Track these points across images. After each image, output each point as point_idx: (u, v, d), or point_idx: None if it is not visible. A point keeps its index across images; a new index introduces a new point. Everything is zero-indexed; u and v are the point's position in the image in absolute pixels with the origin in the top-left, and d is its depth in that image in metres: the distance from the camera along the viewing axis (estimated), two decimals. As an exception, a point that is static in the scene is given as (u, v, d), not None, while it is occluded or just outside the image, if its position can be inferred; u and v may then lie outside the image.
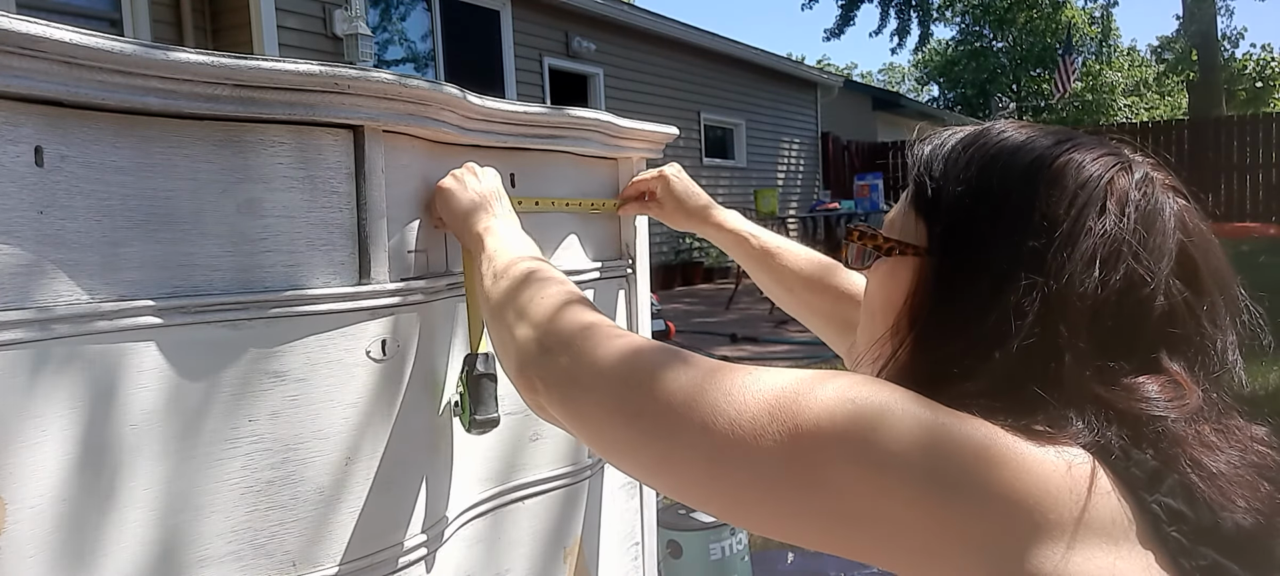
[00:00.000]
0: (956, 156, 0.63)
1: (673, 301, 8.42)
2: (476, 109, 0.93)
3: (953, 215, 0.61)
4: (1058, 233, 0.56)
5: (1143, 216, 0.57)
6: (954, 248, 0.60)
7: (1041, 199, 0.58)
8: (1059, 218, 0.57)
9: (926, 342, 0.61)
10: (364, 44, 6.64)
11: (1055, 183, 0.58)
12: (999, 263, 0.57)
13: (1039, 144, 0.61)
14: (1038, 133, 0.63)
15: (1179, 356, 0.56)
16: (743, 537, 1.86)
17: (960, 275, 0.60)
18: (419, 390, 0.88)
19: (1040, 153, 0.60)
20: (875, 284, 0.68)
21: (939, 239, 0.62)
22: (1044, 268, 0.56)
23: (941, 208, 0.62)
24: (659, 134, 1.22)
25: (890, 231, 0.67)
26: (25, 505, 0.63)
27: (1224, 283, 0.59)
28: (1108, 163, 0.59)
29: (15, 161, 0.62)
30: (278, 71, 0.73)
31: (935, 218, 0.63)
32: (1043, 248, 0.56)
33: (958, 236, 0.60)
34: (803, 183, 13.66)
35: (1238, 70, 27.93)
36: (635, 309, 1.24)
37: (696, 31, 10.80)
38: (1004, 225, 0.58)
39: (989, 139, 0.63)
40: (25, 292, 0.63)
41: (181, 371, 0.71)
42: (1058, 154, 0.60)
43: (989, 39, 29.04)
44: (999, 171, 0.60)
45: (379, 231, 0.82)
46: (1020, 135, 0.63)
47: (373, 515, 0.83)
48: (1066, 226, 0.56)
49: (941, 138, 0.66)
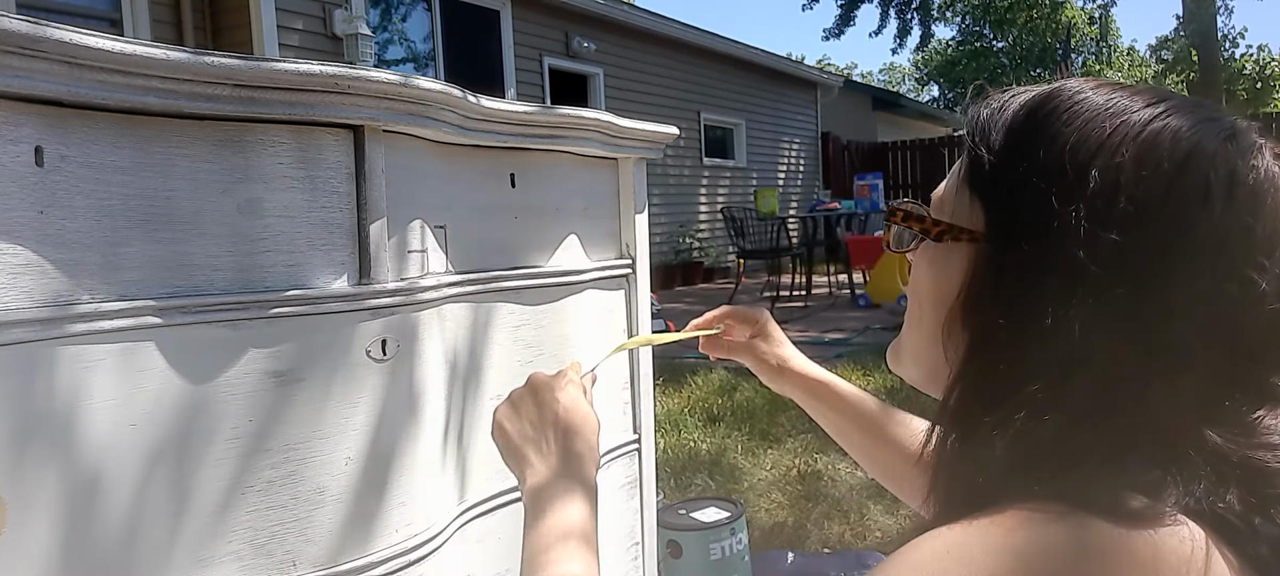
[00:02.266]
0: (1020, 124, 0.52)
1: (673, 301, 8.42)
2: (477, 109, 0.93)
3: (1015, 197, 0.50)
4: (1152, 225, 0.46)
5: (1256, 200, 0.47)
6: (1016, 238, 0.49)
7: (1129, 179, 0.47)
8: (1152, 205, 0.46)
9: (982, 354, 0.51)
10: (364, 44, 6.64)
11: (1146, 158, 0.47)
12: (1073, 260, 0.46)
13: (1123, 108, 0.49)
14: (1121, 94, 0.51)
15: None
16: (743, 537, 1.86)
17: (1025, 274, 0.48)
18: (419, 390, 0.88)
19: (1125, 119, 0.49)
20: (923, 271, 0.57)
21: (998, 225, 0.51)
22: (1131, 269, 0.46)
23: (1002, 187, 0.51)
24: (659, 134, 1.22)
25: (940, 211, 0.56)
26: (25, 505, 0.63)
27: None
28: (1210, 131, 0.48)
29: (15, 161, 0.62)
30: (278, 71, 0.73)
31: (994, 199, 0.52)
32: (1131, 243, 0.46)
33: (1021, 224, 0.49)
34: (803, 182, 13.66)
35: (1237, 70, 27.92)
36: (635, 309, 1.24)
37: (696, 31, 10.80)
38: (1080, 212, 0.47)
39: (1060, 101, 0.51)
40: (25, 293, 0.63)
41: (181, 371, 0.71)
42: (1148, 121, 0.48)
43: (989, 39, 29.05)
44: (1073, 142, 0.49)
45: (379, 231, 0.82)
46: (1099, 96, 0.51)
47: (373, 515, 0.83)
48: (1163, 217, 0.46)
49: (1003, 100, 0.55)
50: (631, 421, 1.25)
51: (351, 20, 6.68)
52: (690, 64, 10.92)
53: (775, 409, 3.69)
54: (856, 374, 4.40)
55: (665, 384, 4.26)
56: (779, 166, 13.13)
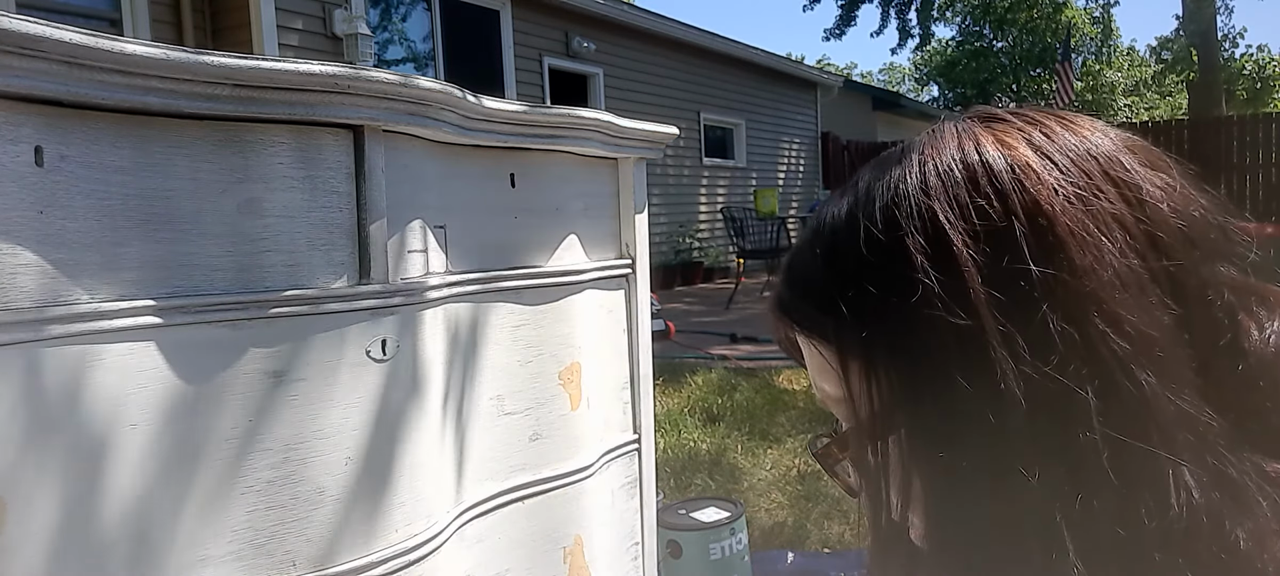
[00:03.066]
0: (809, 264, 0.48)
1: (673, 301, 8.42)
2: (477, 109, 0.93)
3: (868, 320, 0.44)
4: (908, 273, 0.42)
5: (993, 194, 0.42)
6: (901, 356, 0.43)
7: (871, 241, 0.43)
8: (895, 252, 0.43)
9: (942, 520, 0.44)
10: (364, 44, 6.64)
11: (883, 218, 0.44)
12: (971, 335, 0.41)
13: (862, 185, 0.47)
14: (854, 180, 0.48)
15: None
16: (743, 537, 1.86)
17: (939, 378, 0.42)
18: (419, 390, 0.88)
19: (882, 188, 0.45)
20: (870, 484, 0.48)
21: (881, 364, 0.44)
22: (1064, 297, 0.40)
23: (853, 325, 0.45)
24: (659, 134, 1.22)
25: (848, 419, 0.49)
26: (25, 504, 0.63)
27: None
28: (908, 161, 0.45)
29: (15, 161, 0.62)
30: (278, 71, 0.73)
31: (852, 346, 0.45)
32: (1032, 282, 0.40)
33: (898, 340, 0.43)
34: (803, 183, 13.66)
35: (1237, 70, 27.93)
36: (635, 309, 1.24)
37: (696, 31, 10.80)
38: (946, 279, 0.41)
39: (821, 222, 0.48)
40: (25, 292, 0.63)
41: (181, 371, 0.71)
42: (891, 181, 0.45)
43: (989, 39, 29.06)
44: (884, 224, 0.44)
45: (379, 231, 0.82)
46: (841, 199, 0.48)
47: (373, 514, 0.83)
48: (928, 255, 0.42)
49: (780, 272, 0.51)
50: (631, 421, 1.25)
51: (351, 20, 6.68)
52: (690, 64, 10.92)
53: (775, 409, 3.69)
54: (856, 374, 4.39)
55: (665, 384, 4.26)
56: (779, 166, 13.13)
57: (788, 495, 2.80)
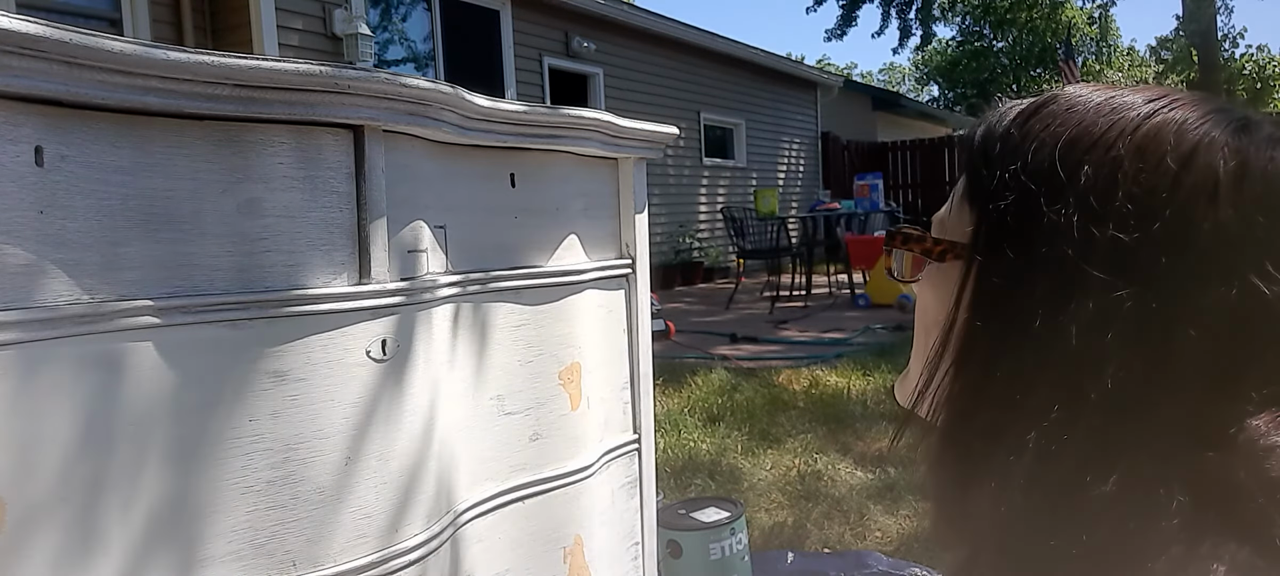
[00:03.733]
0: (1014, 130, 0.49)
1: (673, 301, 8.42)
2: (477, 109, 0.93)
3: (1005, 200, 0.47)
4: (1155, 227, 0.42)
5: (1268, 196, 0.43)
6: (1004, 240, 0.46)
7: (1128, 178, 0.43)
8: (1155, 205, 0.42)
9: (967, 363, 0.48)
10: (364, 44, 6.65)
11: (1147, 152, 0.44)
12: (1063, 260, 0.43)
13: (1122, 104, 0.47)
14: (1122, 92, 0.48)
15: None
16: (743, 537, 1.86)
17: (1010, 278, 0.46)
18: (419, 390, 0.88)
19: (1123, 115, 0.46)
20: (926, 296, 0.55)
21: (985, 232, 0.48)
22: (1135, 271, 0.42)
23: (992, 192, 0.48)
24: (659, 134, 1.22)
25: (941, 231, 0.54)
26: (25, 505, 0.63)
27: None
28: (1217, 123, 0.45)
29: (15, 161, 0.62)
30: (278, 71, 0.73)
31: (984, 205, 0.49)
32: (1134, 244, 0.42)
33: (1010, 226, 0.46)
34: (803, 182, 13.67)
35: (1237, 70, 27.93)
36: (635, 309, 1.24)
37: (696, 31, 10.81)
38: (1075, 210, 0.44)
39: (1057, 104, 0.49)
40: (25, 292, 0.63)
41: (181, 371, 0.71)
42: (1149, 115, 0.45)
43: (989, 39, 29.06)
44: (1067, 142, 0.46)
45: (379, 231, 0.82)
46: (1097, 96, 0.48)
47: (372, 515, 0.83)
48: (1168, 218, 0.42)
49: (1000, 111, 0.52)
50: (631, 421, 1.25)
51: (351, 20, 6.68)
52: (690, 64, 10.92)
53: (775, 409, 3.68)
54: (856, 374, 4.40)
55: (665, 384, 4.26)
56: (779, 166, 13.13)
57: (788, 495, 2.80)
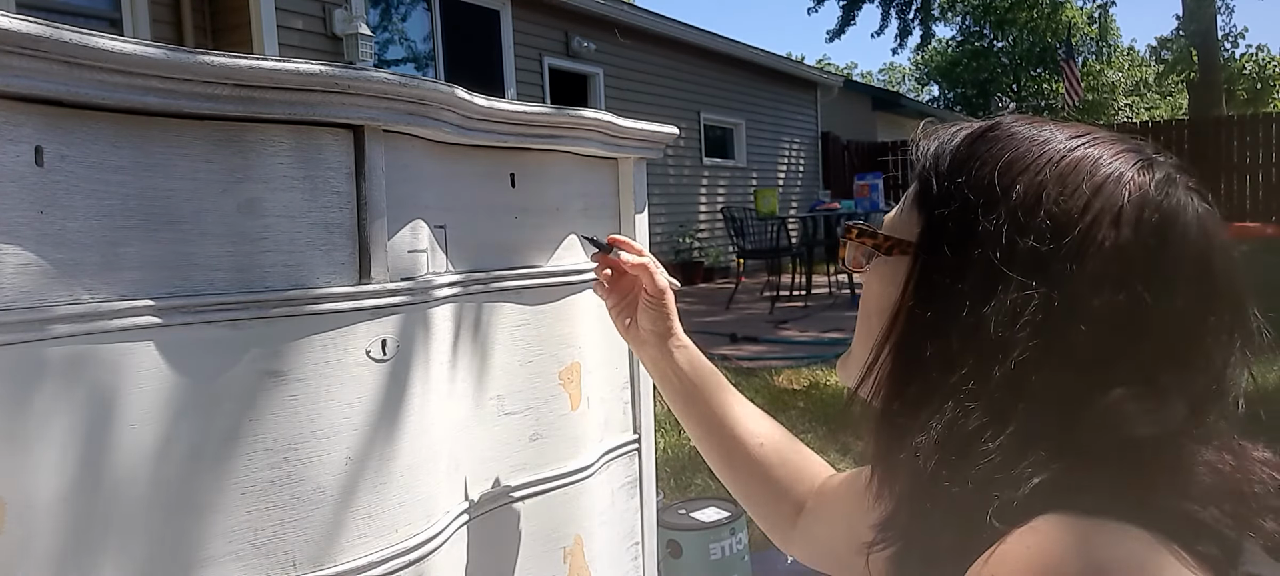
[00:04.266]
0: (962, 149, 0.59)
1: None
2: (477, 109, 0.93)
3: (948, 208, 0.57)
4: (1066, 240, 0.52)
5: (1161, 226, 0.52)
6: (943, 241, 0.56)
7: (1049, 199, 0.53)
8: (1068, 223, 0.52)
9: (906, 345, 0.58)
10: (364, 44, 6.65)
11: (1066, 181, 0.54)
12: (990, 263, 0.53)
13: (1052, 137, 0.57)
14: (1052, 127, 0.58)
15: (1175, 373, 0.52)
16: (743, 537, 1.86)
17: (947, 272, 0.55)
18: (419, 390, 0.88)
19: (1053, 146, 0.56)
20: (873, 285, 0.65)
21: (930, 234, 0.58)
22: (1046, 274, 0.52)
23: (939, 203, 0.58)
24: (659, 134, 1.22)
25: (891, 230, 0.63)
26: (25, 505, 0.63)
27: (1237, 297, 0.54)
28: (1128, 161, 0.55)
29: (15, 161, 0.62)
30: (278, 71, 0.73)
31: (931, 214, 0.59)
32: (1047, 253, 0.52)
33: (949, 230, 0.56)
34: (803, 182, 13.66)
35: (1237, 70, 27.93)
36: (635, 309, 1.24)
37: (696, 31, 10.80)
38: (1004, 222, 0.53)
39: (998, 131, 0.59)
40: (25, 292, 0.63)
41: (181, 371, 0.71)
42: (1071, 149, 0.55)
43: (989, 39, 29.05)
44: (1004, 164, 0.55)
45: (379, 231, 0.82)
46: (1031, 129, 0.58)
47: (372, 515, 0.83)
48: (1077, 234, 0.52)
49: (949, 132, 0.62)
50: (631, 421, 1.25)
51: (351, 20, 6.68)
52: (690, 64, 10.92)
53: (775, 409, 3.68)
54: (856, 374, 4.39)
55: (665, 384, 4.25)
56: (779, 166, 13.13)
57: (788, 495, 2.79)
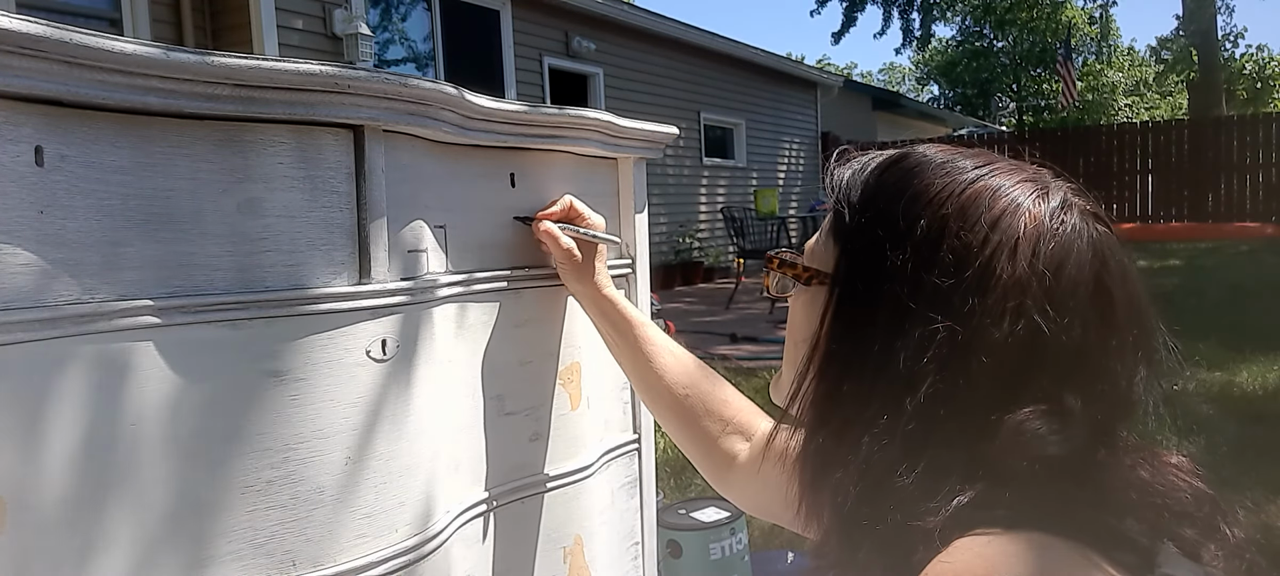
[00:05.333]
0: (872, 181, 0.61)
1: (673, 301, 8.42)
2: (477, 109, 0.93)
3: (859, 243, 0.59)
4: (966, 274, 0.53)
5: (1056, 254, 0.54)
6: (856, 277, 0.58)
7: (951, 233, 0.55)
8: (968, 258, 0.54)
9: (825, 377, 0.60)
10: (364, 44, 6.65)
11: (966, 215, 0.55)
12: (897, 298, 0.55)
13: (954, 169, 0.58)
14: (956, 156, 0.60)
15: (1079, 393, 0.53)
16: (743, 537, 1.86)
17: (860, 308, 0.57)
18: (419, 390, 0.88)
19: (953, 179, 0.57)
20: (797, 313, 0.67)
21: (843, 269, 0.60)
22: (949, 309, 0.53)
23: (851, 236, 0.60)
24: (659, 134, 1.22)
25: (810, 260, 0.65)
26: (25, 505, 0.63)
27: (1139, 315, 0.56)
28: (1025, 192, 0.56)
29: (15, 161, 0.62)
30: (278, 71, 0.73)
31: (845, 247, 0.61)
32: (949, 288, 0.53)
33: (861, 266, 0.58)
34: (803, 182, 13.66)
35: (1237, 70, 27.92)
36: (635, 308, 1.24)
37: (696, 31, 10.80)
38: (910, 258, 0.55)
39: (906, 163, 0.60)
40: (25, 292, 0.63)
41: (181, 371, 0.71)
42: (972, 181, 0.57)
43: (989, 39, 29.03)
44: (909, 198, 0.57)
45: (379, 231, 0.82)
46: (938, 158, 0.60)
47: (372, 515, 0.83)
48: (976, 268, 0.53)
49: (863, 161, 0.64)
50: (631, 421, 1.25)
51: (351, 20, 6.68)
52: (690, 64, 10.91)
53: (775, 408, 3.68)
54: (856, 374, 4.39)
55: (665, 384, 4.24)
56: (779, 166, 13.13)
57: (788, 495, 2.79)
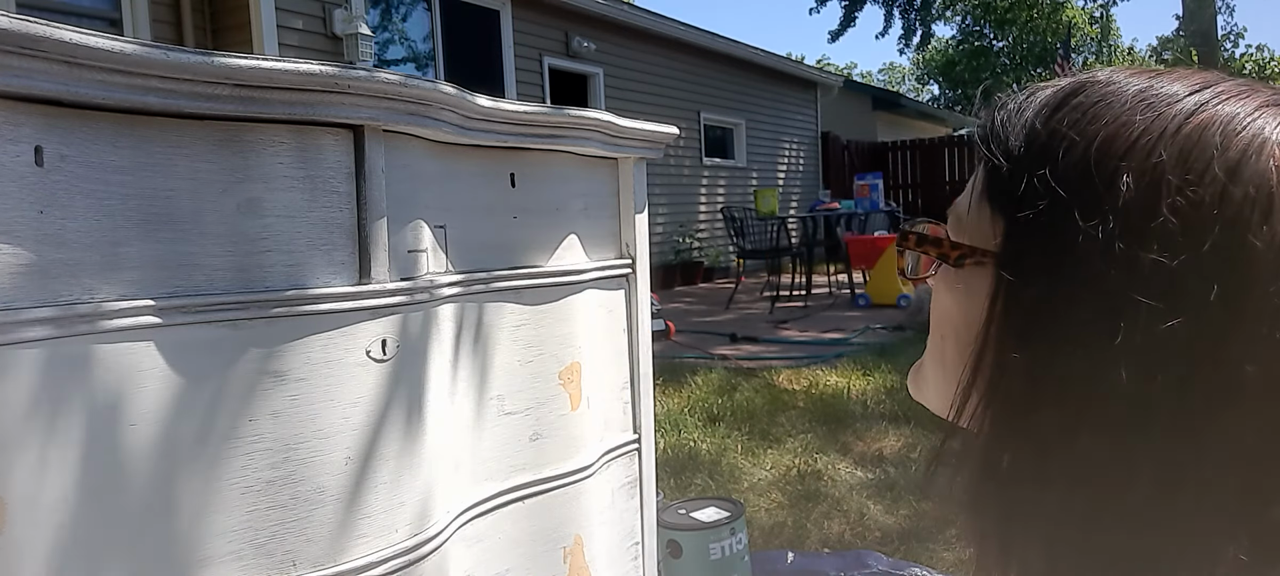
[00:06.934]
0: (1041, 124, 0.43)
1: (673, 301, 8.42)
2: (477, 109, 0.93)
3: (1032, 210, 0.41)
4: (1203, 245, 0.36)
5: None
6: (1033, 256, 0.41)
7: (1171, 189, 0.37)
8: (1202, 224, 0.36)
9: (1001, 392, 0.42)
10: (364, 44, 6.65)
11: (1192, 160, 0.37)
12: (1105, 286, 0.37)
13: (1159, 98, 0.40)
14: (1159, 79, 0.42)
15: None
16: (743, 537, 1.86)
17: (1044, 299, 0.39)
18: (419, 390, 0.88)
19: (1160, 112, 0.39)
20: (943, 298, 0.48)
21: (1012, 245, 0.42)
22: (1185, 299, 0.36)
23: (1020, 199, 0.41)
24: (659, 134, 1.22)
25: (958, 229, 0.47)
26: (25, 505, 0.63)
27: None
28: (1271, 118, 0.39)
29: (15, 161, 0.62)
30: (278, 71, 0.73)
31: (1011, 214, 0.42)
32: (1180, 268, 0.36)
33: (1038, 241, 0.40)
34: (803, 182, 13.67)
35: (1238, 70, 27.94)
36: (635, 309, 1.24)
37: (696, 31, 10.80)
38: (1113, 228, 0.37)
39: (1089, 93, 0.42)
40: (25, 292, 0.63)
41: (181, 371, 0.71)
42: (1191, 111, 0.39)
43: (989, 38, 29.05)
44: (1103, 141, 0.39)
45: (379, 231, 0.83)
46: (1135, 83, 0.42)
47: (372, 515, 0.83)
48: (1217, 237, 0.36)
49: (1022, 98, 0.46)
50: (631, 421, 1.25)
51: (351, 20, 6.68)
52: (690, 64, 10.92)
53: (775, 409, 3.68)
54: (856, 374, 4.40)
55: (665, 384, 4.26)
56: (779, 166, 13.13)
57: (788, 495, 2.80)
